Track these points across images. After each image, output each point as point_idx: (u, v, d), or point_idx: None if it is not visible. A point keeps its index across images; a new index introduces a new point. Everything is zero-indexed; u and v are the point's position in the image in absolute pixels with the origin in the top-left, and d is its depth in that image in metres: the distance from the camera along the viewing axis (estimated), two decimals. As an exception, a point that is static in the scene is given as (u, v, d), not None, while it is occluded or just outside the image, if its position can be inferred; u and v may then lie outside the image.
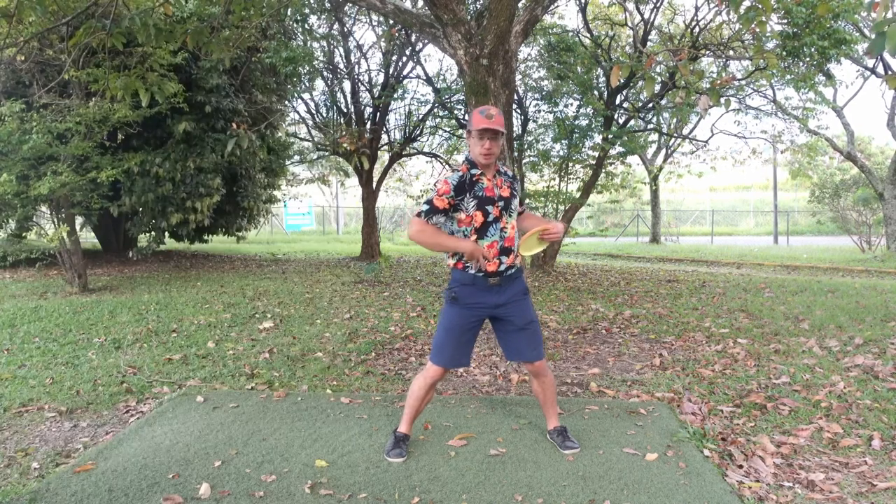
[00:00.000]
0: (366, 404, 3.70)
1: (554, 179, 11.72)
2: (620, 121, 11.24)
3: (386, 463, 2.89)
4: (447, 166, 14.63)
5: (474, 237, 2.81)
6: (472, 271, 2.82)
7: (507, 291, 2.86)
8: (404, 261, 12.94)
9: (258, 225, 13.81)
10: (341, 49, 12.56)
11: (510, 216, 2.86)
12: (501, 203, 2.83)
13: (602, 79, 10.86)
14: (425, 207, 2.79)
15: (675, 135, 16.22)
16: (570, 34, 10.95)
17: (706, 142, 18.91)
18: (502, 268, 2.83)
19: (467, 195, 2.79)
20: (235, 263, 11.69)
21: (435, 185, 2.82)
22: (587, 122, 10.82)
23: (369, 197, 13.14)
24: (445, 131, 13.55)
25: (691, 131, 17.05)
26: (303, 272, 10.28)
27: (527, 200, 11.01)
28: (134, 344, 5.28)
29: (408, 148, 13.80)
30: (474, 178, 2.82)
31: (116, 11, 3.75)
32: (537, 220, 3.01)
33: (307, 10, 9.87)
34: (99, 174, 7.63)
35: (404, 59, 12.40)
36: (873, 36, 2.34)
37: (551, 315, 6.48)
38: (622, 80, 9.78)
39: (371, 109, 12.91)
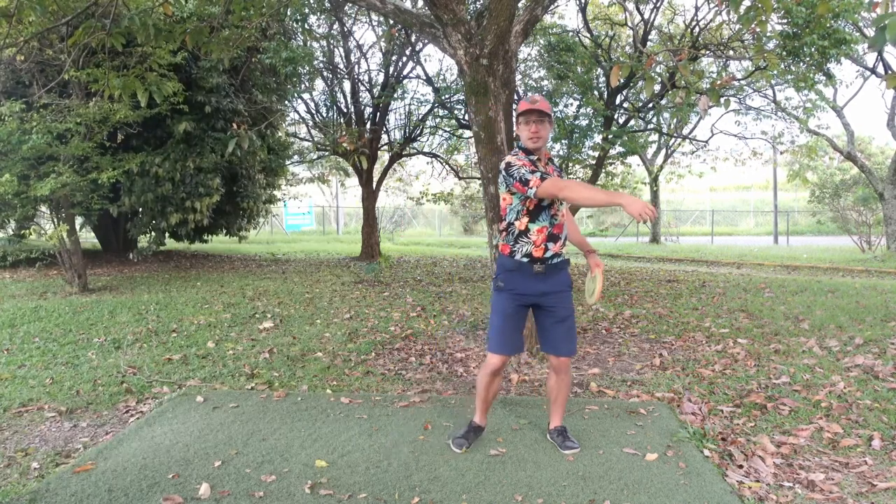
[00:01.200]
0: (366, 404, 3.70)
1: (554, 179, 11.69)
2: (620, 121, 11.23)
3: (386, 463, 2.89)
4: (447, 166, 14.63)
5: (525, 219, 2.81)
6: (518, 257, 2.84)
7: (551, 281, 2.87)
8: (404, 261, 12.94)
9: (258, 225, 13.79)
10: (341, 49, 12.56)
11: (561, 204, 2.86)
12: None
13: (602, 79, 10.85)
14: (537, 174, 2.67)
15: (675, 135, 16.20)
16: (570, 34, 10.94)
17: (706, 142, 18.88)
18: (548, 254, 2.84)
19: None
20: (235, 263, 11.69)
21: (508, 167, 2.75)
22: (587, 122, 10.81)
23: (369, 197, 13.14)
24: (445, 131, 13.54)
25: (691, 131, 17.03)
26: (303, 272, 10.28)
27: None
28: (134, 344, 5.28)
29: (408, 148, 13.79)
30: (535, 163, 2.83)
31: (116, 11, 3.75)
32: (575, 225, 3.08)
33: (307, 10, 9.87)
34: (99, 175, 7.63)
35: (404, 59, 12.40)
36: (874, 32, 2.35)
37: (551, 315, 6.47)
38: (622, 80, 9.77)
39: (371, 109, 12.91)
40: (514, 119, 2.92)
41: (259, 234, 21.54)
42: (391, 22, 10.25)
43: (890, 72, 13.32)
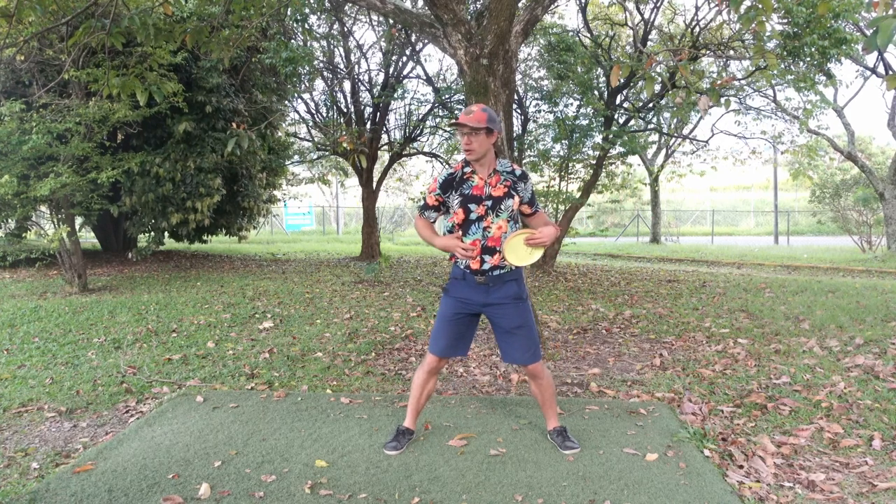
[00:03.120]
0: (366, 404, 3.70)
1: (554, 179, 11.72)
2: (620, 121, 11.23)
3: (386, 463, 2.89)
4: (447, 166, 14.64)
5: (459, 234, 2.89)
6: (462, 266, 2.91)
7: (495, 293, 2.87)
8: (404, 261, 12.94)
9: (258, 225, 13.78)
10: (341, 49, 12.55)
11: (497, 216, 2.85)
12: (489, 202, 2.84)
13: (602, 79, 10.85)
14: (420, 203, 3.04)
15: (675, 135, 16.21)
16: (570, 34, 10.94)
17: (706, 142, 18.91)
18: (486, 266, 2.86)
19: (454, 192, 2.88)
20: (235, 263, 11.69)
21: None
22: (587, 121, 10.81)
23: (369, 197, 13.14)
24: (445, 131, 13.54)
25: (691, 131, 17.05)
26: (303, 272, 10.28)
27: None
28: (134, 344, 5.28)
29: (408, 148, 13.80)
30: (465, 176, 2.88)
31: (116, 11, 3.75)
32: (544, 224, 2.97)
33: (307, 10, 9.86)
34: (99, 175, 7.63)
35: (404, 59, 12.40)
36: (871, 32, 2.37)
37: (551, 315, 6.47)
38: (622, 80, 9.77)
39: (371, 109, 12.91)
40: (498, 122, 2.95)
41: (259, 234, 21.55)
42: (391, 22, 10.25)
43: (891, 72, 13.31)
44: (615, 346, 5.22)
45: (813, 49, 7.82)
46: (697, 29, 10.86)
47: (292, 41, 10.15)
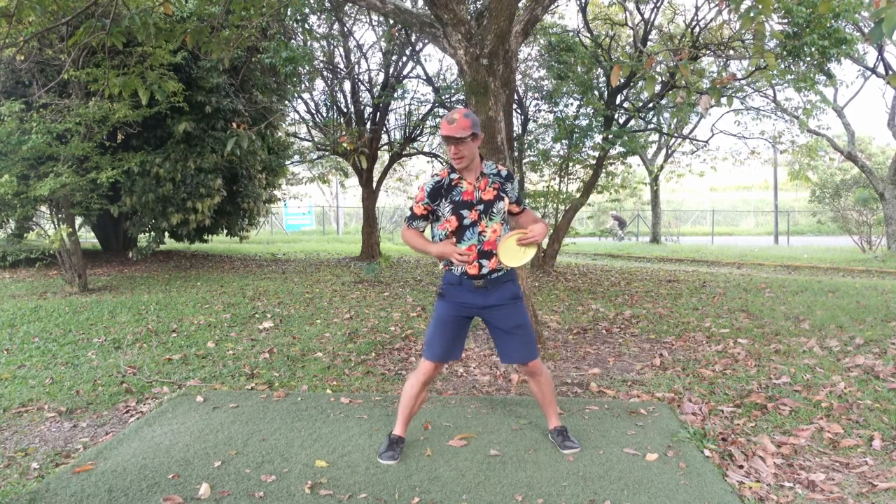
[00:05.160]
0: (366, 404, 3.70)
1: (554, 179, 11.72)
2: (621, 121, 11.23)
3: (386, 463, 2.88)
4: (447, 166, 14.63)
5: (453, 240, 2.82)
6: (457, 273, 2.84)
7: (494, 295, 2.84)
8: (404, 261, 12.93)
9: (258, 225, 13.77)
10: (341, 49, 12.56)
11: (491, 219, 2.82)
12: (481, 206, 2.81)
13: (602, 79, 10.85)
14: (409, 213, 2.93)
15: (675, 135, 16.20)
16: (571, 34, 10.95)
17: (706, 142, 18.89)
18: (484, 271, 2.81)
19: (443, 200, 2.82)
20: (235, 263, 11.69)
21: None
22: (587, 121, 10.81)
23: (369, 197, 13.14)
24: (445, 131, 13.51)
25: (691, 131, 17.03)
26: (303, 272, 10.28)
27: (526, 200, 10.98)
28: (134, 344, 5.28)
29: (408, 148, 13.79)
30: (453, 183, 2.83)
31: (116, 11, 3.75)
32: (533, 221, 2.96)
33: (307, 10, 9.86)
34: (99, 175, 7.63)
35: (404, 59, 12.40)
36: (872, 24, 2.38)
37: (551, 315, 6.47)
38: (622, 80, 9.77)
39: (371, 109, 12.91)
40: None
41: (259, 234, 21.54)
42: (391, 22, 10.25)
43: (891, 72, 13.31)
44: (615, 346, 5.22)
45: (813, 49, 7.82)
46: (697, 29, 10.87)
47: (292, 41, 10.15)
